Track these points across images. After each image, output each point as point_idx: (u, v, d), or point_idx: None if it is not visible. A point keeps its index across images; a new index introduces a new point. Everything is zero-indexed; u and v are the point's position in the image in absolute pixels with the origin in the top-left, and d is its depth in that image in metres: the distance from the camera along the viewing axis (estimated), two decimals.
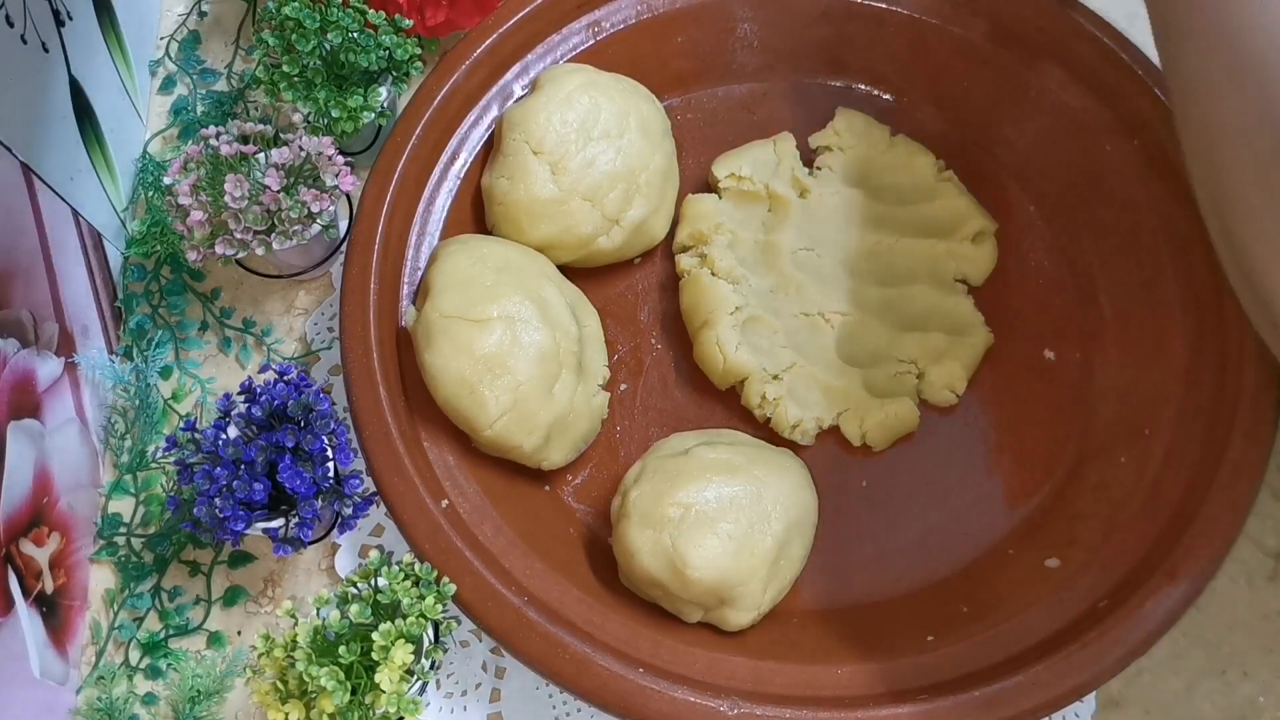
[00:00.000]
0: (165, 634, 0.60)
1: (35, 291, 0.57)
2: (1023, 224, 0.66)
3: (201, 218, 0.57)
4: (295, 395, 0.54)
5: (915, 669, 0.53)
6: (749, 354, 0.60)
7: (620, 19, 0.67)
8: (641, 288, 0.65)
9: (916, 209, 0.65)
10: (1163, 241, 0.61)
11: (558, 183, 0.60)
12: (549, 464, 0.58)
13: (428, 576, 0.51)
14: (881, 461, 0.61)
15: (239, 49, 0.74)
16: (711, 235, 0.63)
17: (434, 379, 0.55)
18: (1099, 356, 0.62)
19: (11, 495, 0.53)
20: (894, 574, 0.58)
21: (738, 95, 0.69)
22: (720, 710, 0.51)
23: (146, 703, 0.58)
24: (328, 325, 0.66)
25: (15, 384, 0.54)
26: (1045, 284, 0.65)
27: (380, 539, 0.61)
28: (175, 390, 0.65)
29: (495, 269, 0.57)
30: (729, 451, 0.56)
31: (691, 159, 0.67)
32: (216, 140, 0.58)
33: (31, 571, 0.55)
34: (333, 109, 0.62)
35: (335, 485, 0.54)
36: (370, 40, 0.62)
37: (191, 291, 0.67)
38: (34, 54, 0.57)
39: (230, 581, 0.61)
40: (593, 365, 0.60)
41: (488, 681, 0.58)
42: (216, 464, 0.53)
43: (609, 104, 0.61)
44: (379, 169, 0.61)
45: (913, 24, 0.67)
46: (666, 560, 0.52)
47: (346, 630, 0.49)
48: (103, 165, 0.65)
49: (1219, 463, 0.55)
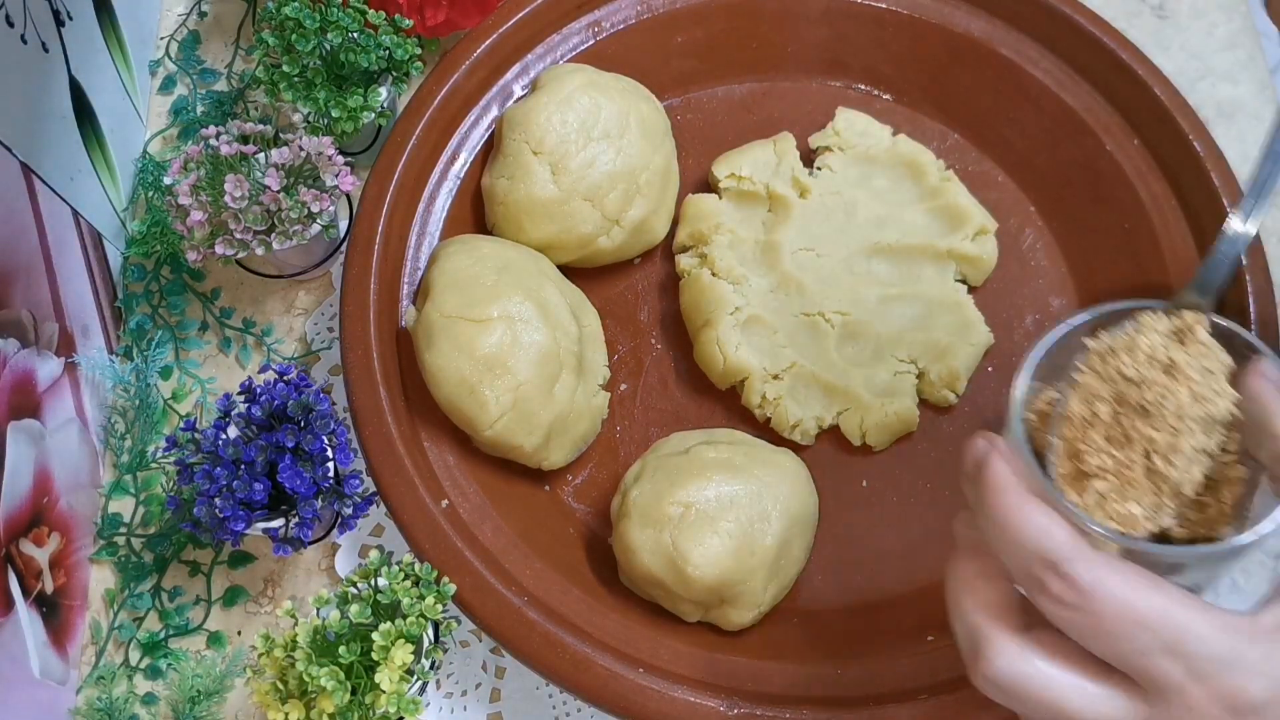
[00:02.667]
0: (165, 634, 0.60)
1: (35, 291, 0.57)
2: (1023, 224, 0.66)
3: (201, 218, 0.57)
4: (295, 395, 0.54)
5: (915, 669, 0.53)
6: (749, 354, 0.60)
7: (620, 19, 0.67)
8: (641, 288, 0.65)
9: (916, 209, 0.65)
10: (1162, 241, 0.62)
11: (558, 183, 0.60)
12: (549, 464, 0.58)
13: (428, 576, 0.51)
14: (881, 461, 0.61)
15: (239, 49, 0.74)
16: (711, 235, 0.63)
17: (434, 379, 0.55)
18: None
19: (11, 495, 0.53)
20: (894, 574, 0.58)
21: (738, 95, 0.69)
22: (720, 710, 0.51)
23: (146, 703, 0.58)
24: (328, 325, 0.66)
25: (15, 384, 0.54)
26: (1045, 284, 0.65)
27: (380, 539, 0.61)
28: (175, 390, 0.65)
29: (495, 269, 0.57)
30: (729, 451, 0.56)
31: (691, 159, 0.67)
32: (216, 140, 0.58)
33: (31, 571, 0.55)
34: (333, 109, 0.62)
35: (335, 485, 0.54)
36: (370, 40, 0.62)
37: (191, 291, 0.67)
38: (34, 54, 0.57)
39: (230, 581, 0.61)
40: (593, 365, 0.60)
41: (488, 681, 0.58)
42: (216, 464, 0.53)
43: (609, 104, 0.61)
44: (379, 169, 0.61)
45: (913, 24, 0.67)
46: (667, 559, 0.52)
47: (346, 630, 0.49)
48: (103, 165, 0.65)
49: None
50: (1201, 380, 0.38)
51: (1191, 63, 0.73)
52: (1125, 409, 0.38)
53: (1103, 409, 0.38)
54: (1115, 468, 0.37)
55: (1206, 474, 0.39)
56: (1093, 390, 0.39)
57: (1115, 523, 0.37)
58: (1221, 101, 0.72)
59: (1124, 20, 0.65)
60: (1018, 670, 0.34)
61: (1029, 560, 0.34)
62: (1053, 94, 0.65)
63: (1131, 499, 0.37)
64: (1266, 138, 0.46)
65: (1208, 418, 0.37)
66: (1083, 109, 0.64)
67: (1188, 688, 0.32)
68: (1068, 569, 0.33)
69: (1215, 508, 0.39)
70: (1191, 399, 0.37)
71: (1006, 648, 0.35)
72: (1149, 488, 0.37)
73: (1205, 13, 0.74)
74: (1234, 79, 0.73)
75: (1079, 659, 0.34)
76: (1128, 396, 0.38)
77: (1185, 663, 0.32)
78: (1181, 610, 0.33)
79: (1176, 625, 0.33)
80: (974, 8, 0.66)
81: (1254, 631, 0.33)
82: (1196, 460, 0.37)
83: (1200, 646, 0.32)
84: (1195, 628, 0.33)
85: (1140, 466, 0.37)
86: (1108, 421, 0.38)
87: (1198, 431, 0.37)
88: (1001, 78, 0.66)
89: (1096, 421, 0.38)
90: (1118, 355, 0.39)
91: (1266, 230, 0.62)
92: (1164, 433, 0.37)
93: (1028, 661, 0.34)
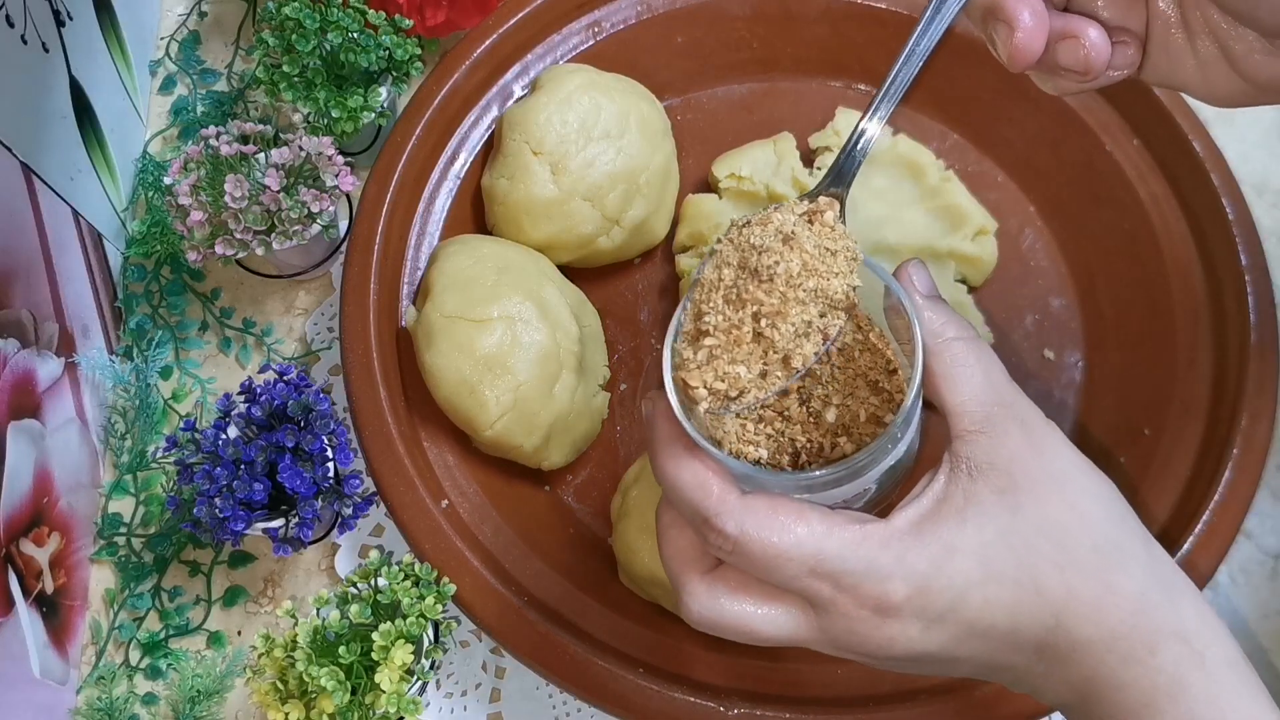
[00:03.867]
0: (165, 634, 0.60)
1: (35, 291, 0.57)
2: (1023, 224, 0.66)
3: (201, 218, 0.57)
4: (295, 395, 0.54)
5: None
6: None
7: (620, 19, 0.67)
8: (641, 288, 0.65)
9: (916, 209, 0.65)
10: (1162, 241, 0.62)
11: (558, 183, 0.60)
12: (549, 464, 0.58)
13: (428, 576, 0.51)
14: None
15: (239, 49, 0.74)
16: (711, 235, 0.63)
17: (434, 379, 0.55)
18: (1098, 356, 0.62)
19: (11, 495, 0.53)
20: None
21: (738, 95, 0.69)
22: (720, 710, 0.51)
23: (146, 703, 0.58)
24: (328, 325, 0.66)
25: (15, 384, 0.54)
26: (1045, 284, 0.65)
27: (380, 539, 0.61)
28: (175, 390, 0.65)
29: (496, 269, 0.57)
30: None
31: (691, 159, 0.67)
32: (216, 140, 0.58)
33: (31, 571, 0.55)
34: (333, 109, 0.62)
35: (335, 485, 0.54)
36: (370, 40, 0.62)
37: (191, 291, 0.67)
38: (34, 54, 0.57)
39: (230, 581, 0.61)
40: (593, 365, 0.60)
41: (488, 681, 0.58)
42: (216, 464, 0.53)
43: (609, 104, 0.61)
44: (379, 169, 0.61)
45: (913, 24, 0.67)
46: None
47: (346, 630, 0.49)
48: (103, 165, 0.65)
49: (1218, 463, 0.55)
50: (816, 254, 0.40)
51: None
52: (744, 274, 0.40)
53: (727, 273, 0.40)
54: (726, 326, 0.39)
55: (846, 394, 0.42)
56: (724, 258, 0.41)
57: (725, 384, 0.40)
58: None
59: None
60: (709, 609, 0.39)
61: (690, 514, 0.38)
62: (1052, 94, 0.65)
63: (740, 361, 0.39)
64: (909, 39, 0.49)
65: (820, 292, 0.39)
66: (1083, 109, 0.64)
67: (838, 599, 0.37)
68: (717, 523, 0.37)
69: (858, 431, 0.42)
70: (802, 268, 0.39)
71: (697, 591, 0.39)
72: (757, 352, 0.39)
73: None
74: None
75: (756, 588, 0.38)
76: (748, 261, 0.40)
77: (831, 580, 0.37)
78: (818, 535, 0.37)
79: (814, 550, 0.36)
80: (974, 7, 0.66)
81: (885, 537, 0.37)
82: (807, 334, 0.39)
83: (839, 564, 0.36)
84: (830, 548, 0.36)
85: (749, 329, 0.39)
86: (728, 284, 0.40)
87: (809, 305, 0.39)
88: (1001, 78, 0.66)
89: (719, 285, 0.40)
90: (751, 227, 0.41)
91: (1266, 230, 0.62)
92: (773, 297, 0.39)
93: (714, 600, 0.39)
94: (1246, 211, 0.60)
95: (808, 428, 0.42)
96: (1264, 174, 0.70)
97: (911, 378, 0.39)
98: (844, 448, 0.41)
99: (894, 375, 0.42)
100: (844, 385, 0.42)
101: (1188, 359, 0.59)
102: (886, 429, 0.40)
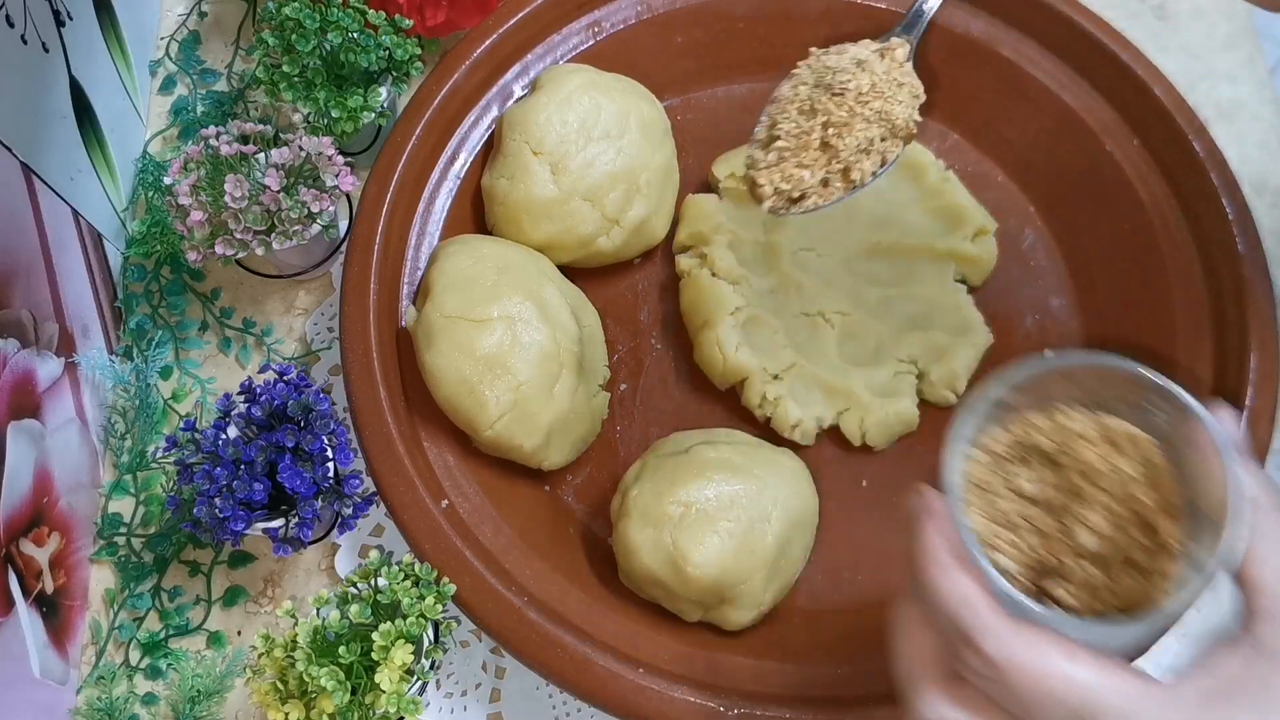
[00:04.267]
0: (165, 634, 0.60)
1: (35, 291, 0.57)
2: (1023, 224, 0.66)
3: (201, 218, 0.57)
4: (295, 395, 0.54)
5: None
6: (749, 354, 0.60)
7: (620, 19, 0.67)
8: (641, 288, 0.65)
9: (916, 209, 0.65)
10: (1162, 241, 0.62)
11: (558, 183, 0.60)
12: (549, 464, 0.58)
13: (428, 576, 0.51)
14: (882, 461, 0.61)
15: (239, 49, 0.74)
16: (711, 235, 0.63)
17: (434, 379, 0.55)
18: None
19: (11, 495, 0.53)
20: (894, 574, 0.58)
21: (738, 95, 0.69)
22: (720, 710, 0.51)
23: (146, 703, 0.58)
24: (328, 325, 0.66)
25: (15, 384, 0.54)
26: (1045, 284, 0.65)
27: (380, 539, 0.61)
28: (175, 390, 0.65)
29: (496, 269, 0.57)
30: (729, 450, 0.55)
31: (691, 159, 0.67)
32: (216, 140, 0.58)
33: (31, 571, 0.55)
34: (333, 109, 0.62)
35: (335, 485, 0.54)
36: (370, 40, 0.62)
37: (191, 291, 0.67)
38: (34, 54, 0.57)
39: (230, 581, 0.61)
40: (593, 365, 0.60)
41: (488, 681, 0.58)
42: (216, 464, 0.53)
43: (609, 104, 0.61)
44: (379, 169, 0.61)
45: None
46: (667, 558, 0.52)
47: (346, 630, 0.49)
48: (103, 165, 0.65)
49: None
50: (885, 80, 0.44)
51: (1191, 63, 0.73)
52: (819, 89, 0.44)
53: (803, 90, 0.45)
54: (797, 132, 0.44)
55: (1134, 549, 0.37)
56: (801, 78, 0.45)
57: (789, 185, 0.44)
58: (1221, 101, 0.72)
59: (1124, 21, 0.65)
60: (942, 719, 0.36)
61: (948, 628, 0.35)
62: (1053, 94, 0.65)
63: (806, 165, 0.44)
64: None
65: (884, 115, 0.44)
66: (1083, 109, 0.64)
67: None
68: (980, 644, 0.34)
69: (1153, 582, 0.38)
70: (871, 89, 0.43)
71: (935, 701, 0.36)
72: (821, 160, 0.43)
73: (1205, 13, 0.74)
74: (1234, 79, 0.73)
75: (999, 716, 0.35)
76: (823, 79, 0.44)
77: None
78: (1093, 681, 0.33)
79: (1087, 697, 0.33)
80: (974, 8, 0.66)
81: (1167, 702, 0.33)
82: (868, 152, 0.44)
83: (1110, 717, 0.33)
84: (1106, 699, 0.33)
85: (818, 137, 0.43)
86: (803, 98, 0.45)
87: (873, 124, 0.43)
88: (1001, 78, 0.66)
89: (795, 99, 0.45)
90: (829, 54, 0.45)
91: (1266, 230, 0.62)
92: (842, 110, 0.43)
93: (951, 715, 0.36)
94: (1247, 211, 0.60)
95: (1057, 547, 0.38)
96: (1264, 174, 0.70)
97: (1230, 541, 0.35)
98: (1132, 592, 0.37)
99: (1174, 521, 0.37)
100: (1115, 515, 0.38)
101: (1188, 359, 0.59)
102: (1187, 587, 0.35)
